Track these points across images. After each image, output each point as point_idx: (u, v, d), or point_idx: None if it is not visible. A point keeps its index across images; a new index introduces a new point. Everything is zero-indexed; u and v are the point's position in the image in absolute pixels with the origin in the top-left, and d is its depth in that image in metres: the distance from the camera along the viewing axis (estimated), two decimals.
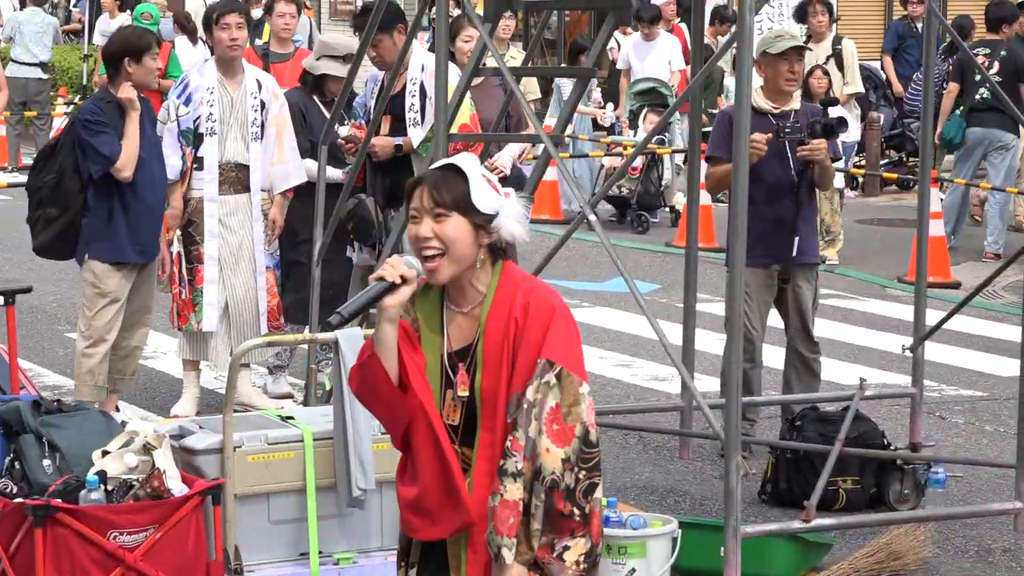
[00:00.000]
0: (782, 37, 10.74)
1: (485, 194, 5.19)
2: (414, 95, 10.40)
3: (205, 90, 11.11)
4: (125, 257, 10.46)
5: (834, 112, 11.98)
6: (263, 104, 11.18)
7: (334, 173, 10.86)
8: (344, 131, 10.94)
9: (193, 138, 11.00)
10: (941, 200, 17.22)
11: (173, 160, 10.82)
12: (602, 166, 19.99)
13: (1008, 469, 8.96)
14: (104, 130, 10.37)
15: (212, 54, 11.61)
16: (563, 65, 20.33)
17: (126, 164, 10.25)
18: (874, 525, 9.03)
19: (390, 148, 10.84)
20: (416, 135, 10.31)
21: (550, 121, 17.02)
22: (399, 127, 10.81)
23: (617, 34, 20.21)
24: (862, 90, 20.43)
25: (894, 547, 8.84)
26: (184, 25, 21.96)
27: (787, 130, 10.20)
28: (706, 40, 18.25)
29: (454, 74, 10.04)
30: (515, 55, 16.94)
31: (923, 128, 10.60)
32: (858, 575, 8.69)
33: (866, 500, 9.70)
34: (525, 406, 5.06)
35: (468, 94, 10.91)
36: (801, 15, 19.58)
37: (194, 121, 11.02)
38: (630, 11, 14.38)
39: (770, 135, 10.12)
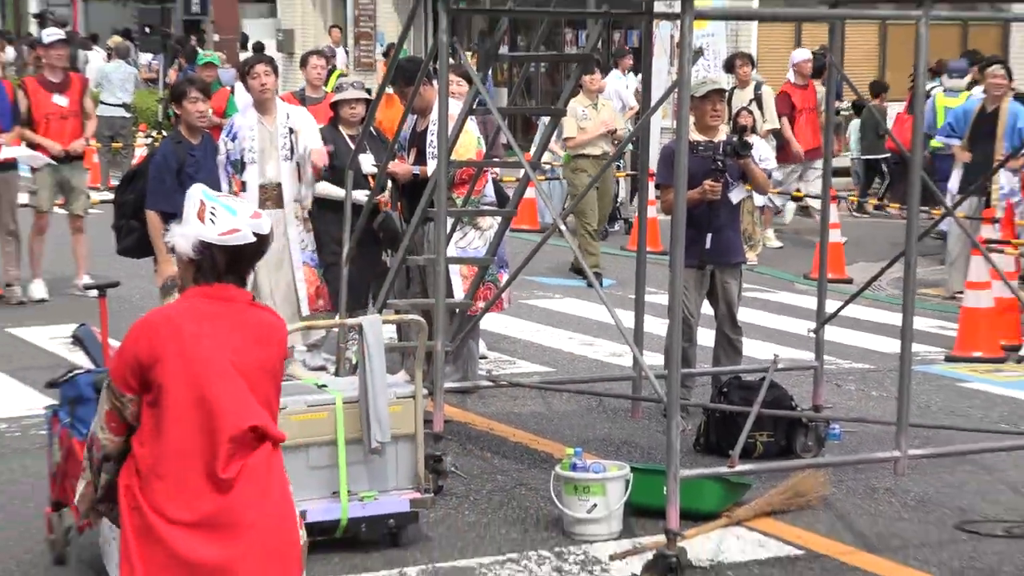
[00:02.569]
0: (705, 83, 10.77)
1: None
2: (434, 133, 10.40)
3: (247, 128, 11.23)
4: None
5: (758, 145, 12.05)
6: (291, 129, 11.29)
7: (357, 195, 10.85)
8: (368, 164, 10.99)
9: (241, 166, 11.09)
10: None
11: (223, 186, 10.85)
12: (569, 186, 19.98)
13: (890, 426, 9.01)
14: (164, 180, 10.60)
15: None
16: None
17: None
18: (784, 470, 9.08)
19: (409, 174, 10.96)
20: (432, 165, 10.31)
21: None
22: (421, 158, 10.93)
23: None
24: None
25: (800, 487, 8.91)
26: (242, 75, 21.95)
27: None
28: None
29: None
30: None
31: (825, 158, 10.63)
32: (772, 508, 8.76)
33: (778, 450, 9.77)
34: None
35: (478, 132, 11.02)
36: (729, 67, 19.62)
37: (240, 153, 11.11)
38: (592, 62, 14.49)
39: (716, 181, 10.25)
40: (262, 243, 4.98)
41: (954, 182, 16.18)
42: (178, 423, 4.88)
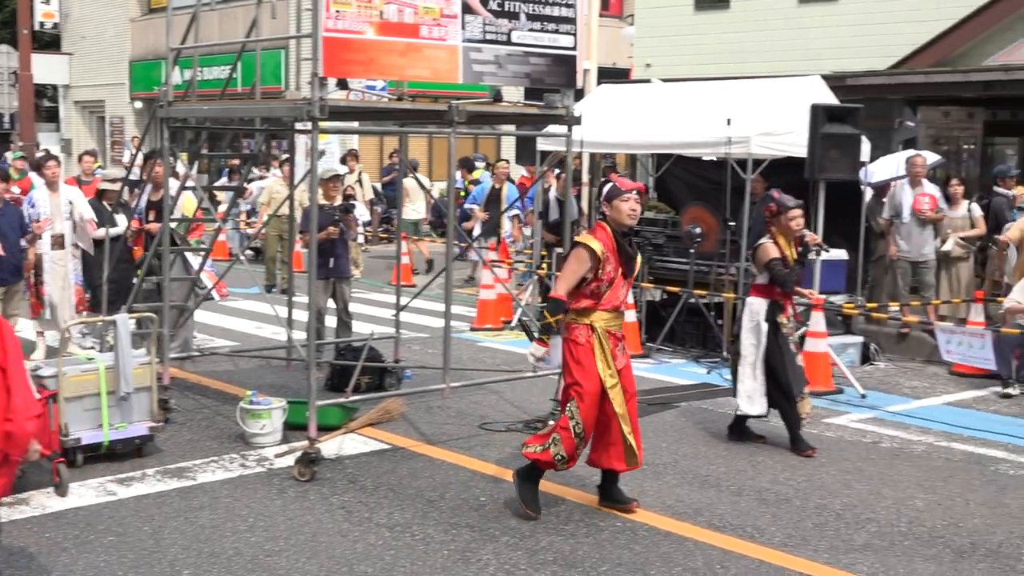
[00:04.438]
0: (328, 171, 10.70)
1: None
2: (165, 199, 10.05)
3: (41, 200, 10.66)
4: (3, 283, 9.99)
5: (359, 207, 12.02)
6: (70, 201, 10.77)
7: (112, 231, 10.45)
8: (123, 223, 10.57)
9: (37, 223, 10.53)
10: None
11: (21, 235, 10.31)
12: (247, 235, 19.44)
13: (440, 369, 9.01)
14: None
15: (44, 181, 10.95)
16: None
17: None
18: (378, 398, 8.99)
19: (158, 230, 10.53)
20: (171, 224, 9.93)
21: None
22: (159, 216, 10.49)
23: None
24: (372, 196, 20.42)
25: (388, 408, 8.87)
26: (37, 167, 20.68)
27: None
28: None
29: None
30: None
31: (399, 215, 10.61)
32: (371, 421, 8.69)
33: (375, 387, 9.66)
34: None
35: (195, 198, 10.64)
36: (343, 160, 19.40)
37: (37, 215, 10.56)
38: (257, 159, 14.05)
39: (332, 228, 10.14)
40: None
41: (477, 230, 16.56)
42: None
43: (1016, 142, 17.33)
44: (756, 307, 8.25)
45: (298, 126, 9.46)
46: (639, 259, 6.82)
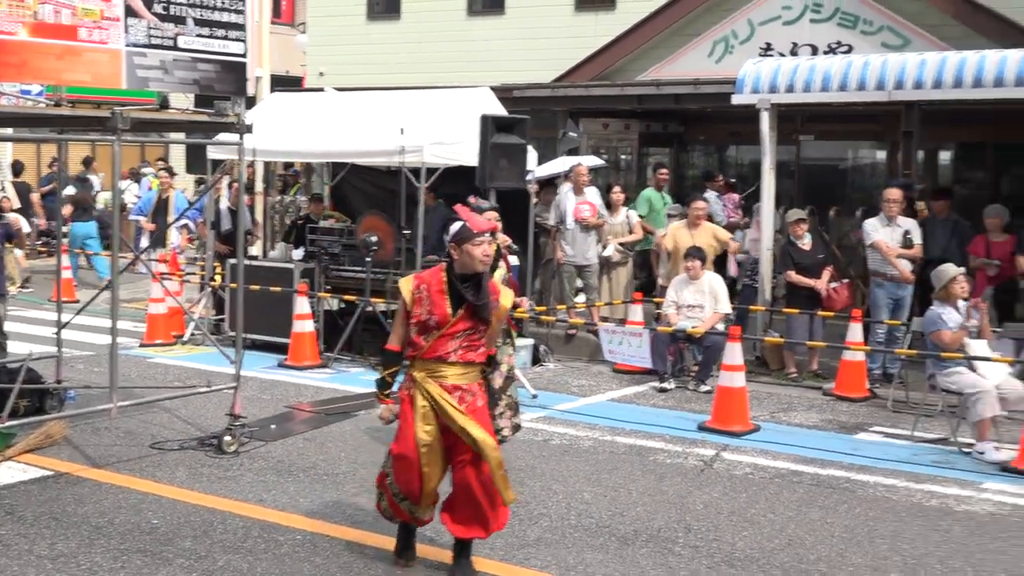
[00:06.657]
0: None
1: None
2: None
3: None
4: None
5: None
6: None
7: None
8: None
9: None
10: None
11: None
12: None
13: (106, 388, 8.57)
14: None
15: None
16: None
17: None
18: (39, 422, 8.45)
19: None
20: None
21: None
22: None
23: None
24: (19, 206, 19.20)
25: (50, 432, 8.39)
26: None
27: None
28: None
29: None
30: None
31: (59, 226, 10.03)
32: (30, 447, 8.18)
33: (35, 410, 9.05)
34: None
35: None
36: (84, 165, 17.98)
37: None
38: None
39: None
40: None
41: (144, 241, 15.92)
42: None
43: (668, 152, 18.57)
44: None
45: None
46: (506, 300, 5.84)
